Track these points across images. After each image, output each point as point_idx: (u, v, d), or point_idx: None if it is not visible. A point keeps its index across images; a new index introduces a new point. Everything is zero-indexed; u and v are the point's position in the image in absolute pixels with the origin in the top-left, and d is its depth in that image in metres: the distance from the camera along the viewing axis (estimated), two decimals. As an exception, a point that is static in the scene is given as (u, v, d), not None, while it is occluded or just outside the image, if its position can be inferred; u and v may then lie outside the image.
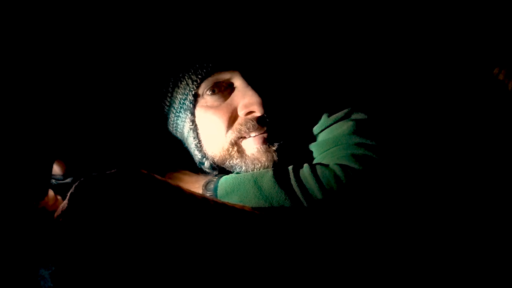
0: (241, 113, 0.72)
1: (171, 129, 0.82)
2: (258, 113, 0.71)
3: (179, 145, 0.83)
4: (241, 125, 0.72)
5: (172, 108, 0.78)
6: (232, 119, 0.73)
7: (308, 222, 0.62)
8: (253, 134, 0.72)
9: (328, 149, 0.71)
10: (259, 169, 0.72)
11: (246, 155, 0.73)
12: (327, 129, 0.75)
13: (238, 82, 0.72)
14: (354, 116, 0.74)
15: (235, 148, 0.73)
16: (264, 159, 0.72)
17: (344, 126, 0.72)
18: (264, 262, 0.53)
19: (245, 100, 0.71)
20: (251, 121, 0.71)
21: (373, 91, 0.95)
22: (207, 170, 0.80)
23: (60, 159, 0.82)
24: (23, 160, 0.62)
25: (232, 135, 0.73)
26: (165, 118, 0.81)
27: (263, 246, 0.54)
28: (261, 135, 0.72)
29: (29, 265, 0.59)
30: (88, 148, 0.86)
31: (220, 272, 0.51)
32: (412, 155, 0.77)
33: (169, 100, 0.78)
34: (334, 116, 0.75)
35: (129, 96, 0.87)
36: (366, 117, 0.74)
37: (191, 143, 0.78)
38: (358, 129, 0.71)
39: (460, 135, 0.88)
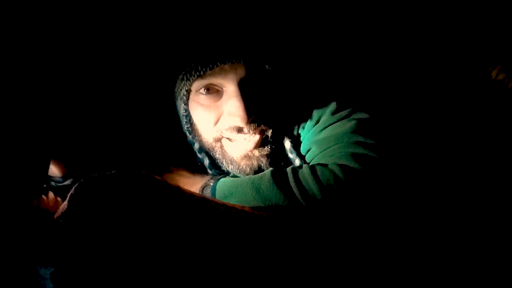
0: (224, 118, 0.75)
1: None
2: (239, 124, 0.73)
3: (177, 144, 0.84)
4: (223, 128, 0.75)
5: (174, 91, 0.80)
6: (218, 120, 0.76)
7: (308, 223, 0.62)
8: (235, 137, 0.75)
9: (329, 147, 0.72)
10: (235, 171, 0.76)
11: (226, 153, 0.77)
12: (330, 126, 0.75)
13: (230, 88, 0.73)
14: (356, 115, 0.75)
15: (218, 144, 0.77)
16: (242, 164, 0.76)
17: (347, 125, 0.72)
18: (265, 262, 0.53)
19: (231, 109, 0.73)
20: (232, 128, 0.74)
21: (375, 91, 0.95)
22: (196, 151, 0.82)
23: (59, 161, 0.82)
24: (19, 158, 0.62)
25: (215, 133, 0.76)
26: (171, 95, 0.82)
27: (263, 246, 0.54)
28: (244, 142, 0.75)
29: (29, 265, 0.58)
30: (86, 150, 0.86)
31: (221, 272, 0.51)
32: (412, 154, 0.77)
33: (172, 82, 0.80)
34: (338, 115, 0.75)
35: (128, 90, 0.88)
36: (368, 116, 0.74)
37: (183, 125, 0.81)
38: (360, 128, 0.71)
39: (461, 135, 0.89)
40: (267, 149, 0.76)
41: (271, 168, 0.69)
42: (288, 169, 0.68)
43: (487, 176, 0.82)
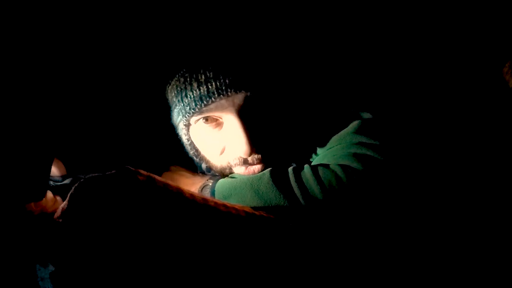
0: (229, 149, 0.73)
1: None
2: (244, 157, 0.71)
3: (177, 144, 0.84)
4: (229, 158, 0.73)
5: (171, 116, 0.78)
6: (223, 150, 0.74)
7: (309, 224, 0.61)
8: (241, 166, 0.73)
9: (332, 147, 0.71)
10: None
11: (238, 173, 0.75)
12: None
13: (230, 118, 0.70)
14: (359, 116, 0.74)
15: (227, 170, 0.75)
16: None
17: (349, 125, 0.72)
18: (267, 263, 0.53)
19: (235, 143, 0.70)
20: (238, 159, 0.72)
21: (379, 91, 0.94)
22: (204, 171, 0.82)
23: (59, 161, 0.82)
24: (21, 161, 0.62)
25: (223, 161, 0.75)
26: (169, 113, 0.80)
27: (264, 247, 0.54)
28: (251, 168, 0.73)
29: (28, 265, 0.58)
30: (85, 150, 0.86)
31: (221, 273, 0.51)
32: (416, 155, 0.77)
33: (170, 105, 0.77)
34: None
35: (127, 95, 0.87)
36: (372, 116, 0.74)
37: (188, 152, 0.80)
38: (363, 128, 0.71)
39: (463, 135, 0.89)
40: (275, 163, 0.74)
41: (269, 168, 0.69)
42: (290, 169, 0.67)
43: (489, 176, 0.82)
